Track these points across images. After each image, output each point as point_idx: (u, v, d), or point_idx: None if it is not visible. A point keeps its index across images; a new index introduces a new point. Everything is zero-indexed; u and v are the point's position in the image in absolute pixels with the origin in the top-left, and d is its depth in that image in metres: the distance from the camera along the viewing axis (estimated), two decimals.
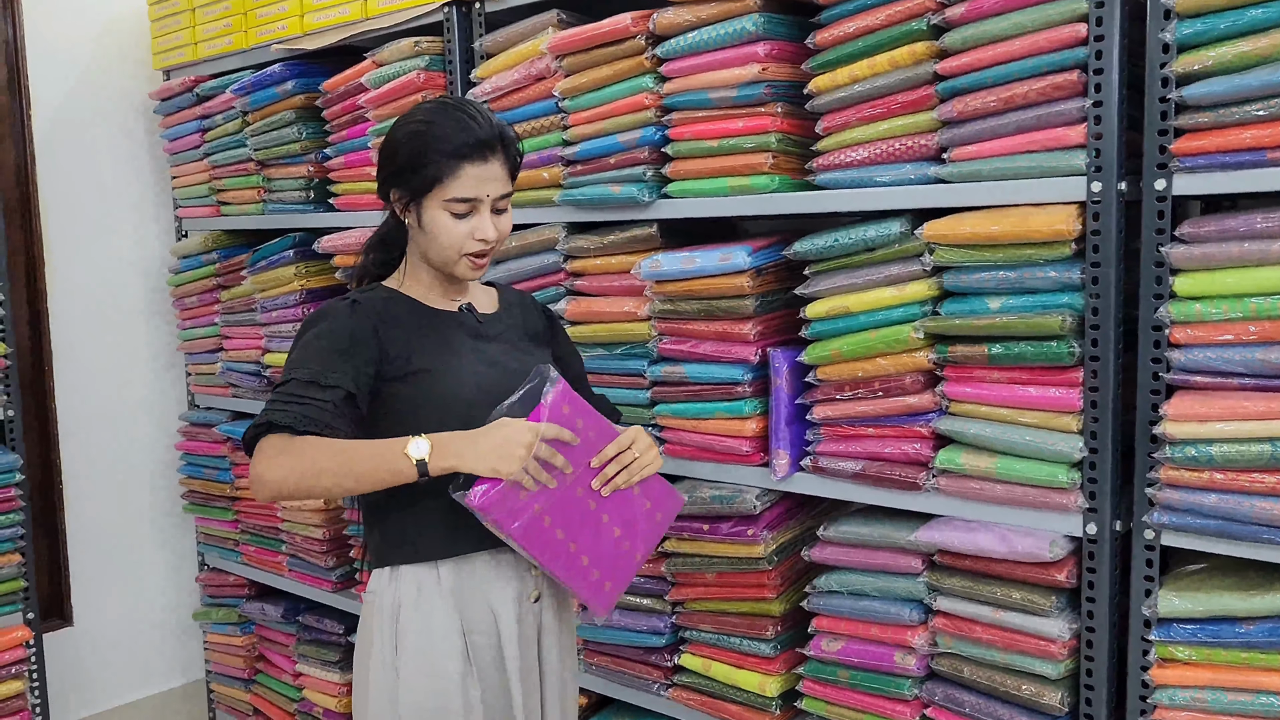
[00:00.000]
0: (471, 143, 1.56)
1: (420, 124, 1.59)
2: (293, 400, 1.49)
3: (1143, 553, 1.63)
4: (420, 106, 1.64)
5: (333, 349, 1.54)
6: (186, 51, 3.07)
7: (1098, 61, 1.58)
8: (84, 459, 3.19)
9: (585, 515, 1.57)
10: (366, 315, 1.59)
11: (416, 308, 1.66)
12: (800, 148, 1.96)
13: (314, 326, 1.59)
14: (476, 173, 1.57)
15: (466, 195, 1.58)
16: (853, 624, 1.91)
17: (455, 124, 1.57)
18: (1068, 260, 1.64)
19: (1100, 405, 1.63)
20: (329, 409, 1.50)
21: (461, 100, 1.64)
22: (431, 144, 1.56)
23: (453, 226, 1.59)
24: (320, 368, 1.52)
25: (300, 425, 1.47)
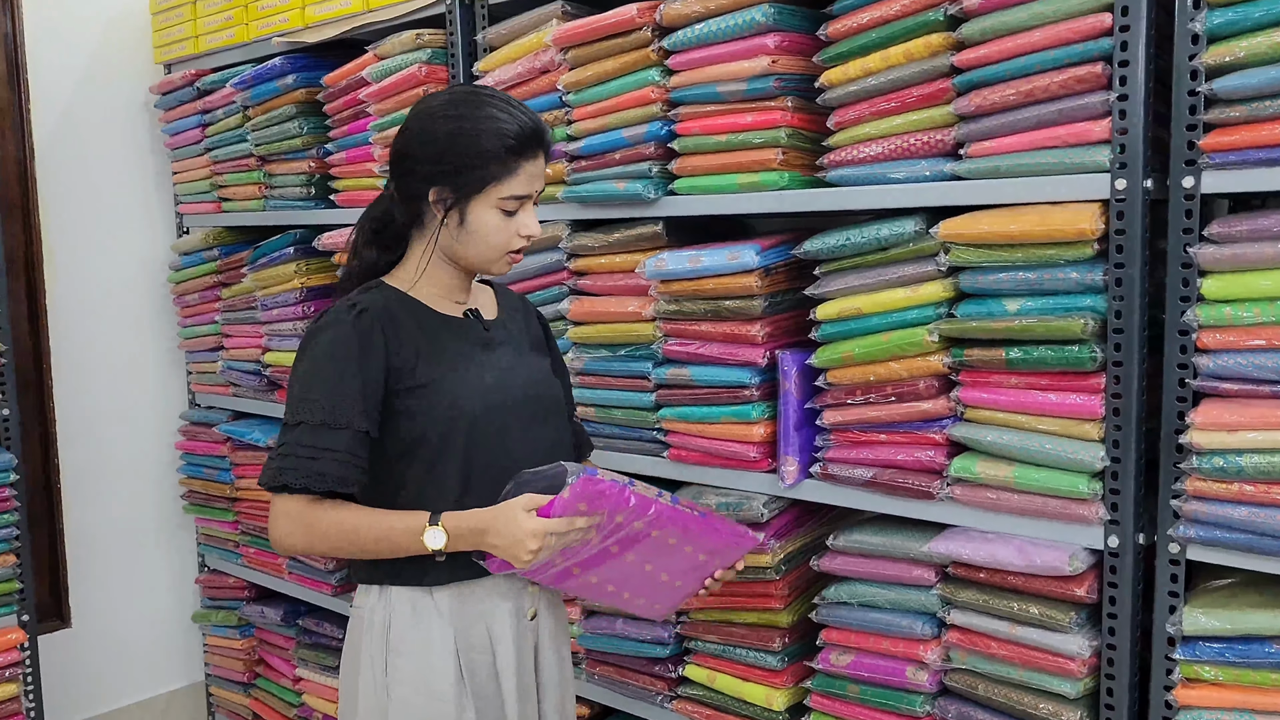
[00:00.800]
0: (527, 137, 1.50)
1: (469, 119, 1.49)
2: (305, 454, 1.45)
3: (1167, 567, 1.56)
4: (454, 97, 1.54)
5: (340, 375, 1.47)
6: (188, 45, 3.02)
7: (1123, 53, 1.51)
8: (83, 458, 3.14)
9: (620, 564, 1.53)
10: (371, 324, 1.50)
11: (423, 313, 1.57)
12: (811, 143, 1.89)
13: (317, 343, 1.50)
14: (531, 169, 1.52)
15: (521, 193, 1.52)
16: (863, 637, 1.85)
17: (507, 117, 1.49)
18: (1090, 261, 1.57)
19: (1123, 413, 1.56)
20: (343, 458, 1.46)
21: (492, 90, 1.56)
22: (487, 140, 1.48)
23: (503, 225, 1.52)
24: (330, 404, 1.46)
25: (316, 486, 1.45)
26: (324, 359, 1.48)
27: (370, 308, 1.52)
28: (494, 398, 1.55)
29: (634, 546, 1.51)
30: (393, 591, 1.56)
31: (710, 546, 1.58)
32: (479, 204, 1.52)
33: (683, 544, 1.55)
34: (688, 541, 1.55)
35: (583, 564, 1.51)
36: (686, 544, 1.55)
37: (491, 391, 1.55)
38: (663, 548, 1.54)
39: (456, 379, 1.54)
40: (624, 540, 1.50)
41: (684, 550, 1.56)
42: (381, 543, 1.47)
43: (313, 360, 1.49)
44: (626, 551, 1.52)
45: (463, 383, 1.54)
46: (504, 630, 1.56)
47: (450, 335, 1.58)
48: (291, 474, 1.45)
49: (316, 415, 1.45)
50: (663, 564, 1.56)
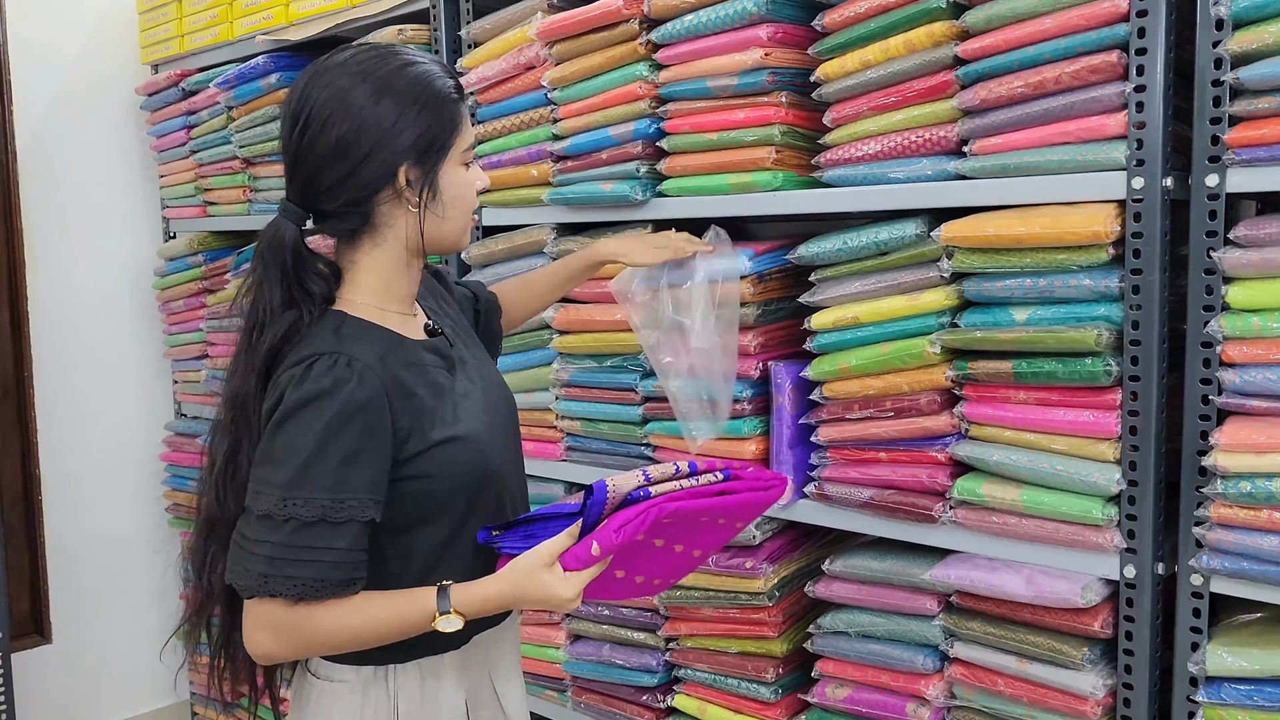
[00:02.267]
0: (455, 76, 1.31)
1: (409, 75, 1.25)
2: (297, 556, 1.17)
3: (1189, 600, 1.43)
4: (359, 66, 1.25)
5: (344, 458, 1.18)
6: (174, 44, 2.94)
7: (1140, 40, 1.39)
8: (65, 469, 3.05)
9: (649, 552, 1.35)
10: (374, 382, 1.21)
11: (398, 345, 1.29)
12: (806, 141, 1.78)
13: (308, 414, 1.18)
14: (464, 110, 1.32)
15: (473, 135, 1.34)
16: (861, 669, 1.73)
17: (427, 61, 1.29)
18: (1105, 266, 1.45)
19: (1141, 432, 1.43)
20: (344, 558, 1.19)
21: (374, 44, 1.30)
22: (439, 89, 1.27)
23: (471, 180, 1.33)
24: (332, 497, 1.18)
25: (314, 594, 1.18)
26: (321, 436, 1.18)
27: (363, 357, 1.22)
28: (493, 433, 1.34)
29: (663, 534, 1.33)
30: (397, 669, 1.31)
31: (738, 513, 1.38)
32: (450, 165, 1.29)
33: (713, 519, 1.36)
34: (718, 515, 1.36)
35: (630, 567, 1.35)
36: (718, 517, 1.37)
37: (489, 426, 1.34)
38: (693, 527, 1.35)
39: (463, 430, 1.29)
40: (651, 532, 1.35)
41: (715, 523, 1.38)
42: (389, 638, 1.24)
43: (306, 427, 1.18)
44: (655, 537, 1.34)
45: (471, 433, 1.30)
46: (508, 678, 1.43)
47: (434, 370, 1.31)
48: (281, 583, 1.17)
49: (313, 511, 1.17)
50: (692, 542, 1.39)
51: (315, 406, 1.18)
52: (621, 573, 1.35)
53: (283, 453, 1.18)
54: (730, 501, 1.32)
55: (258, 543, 1.18)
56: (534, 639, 2.17)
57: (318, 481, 1.17)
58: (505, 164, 2.12)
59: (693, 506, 1.28)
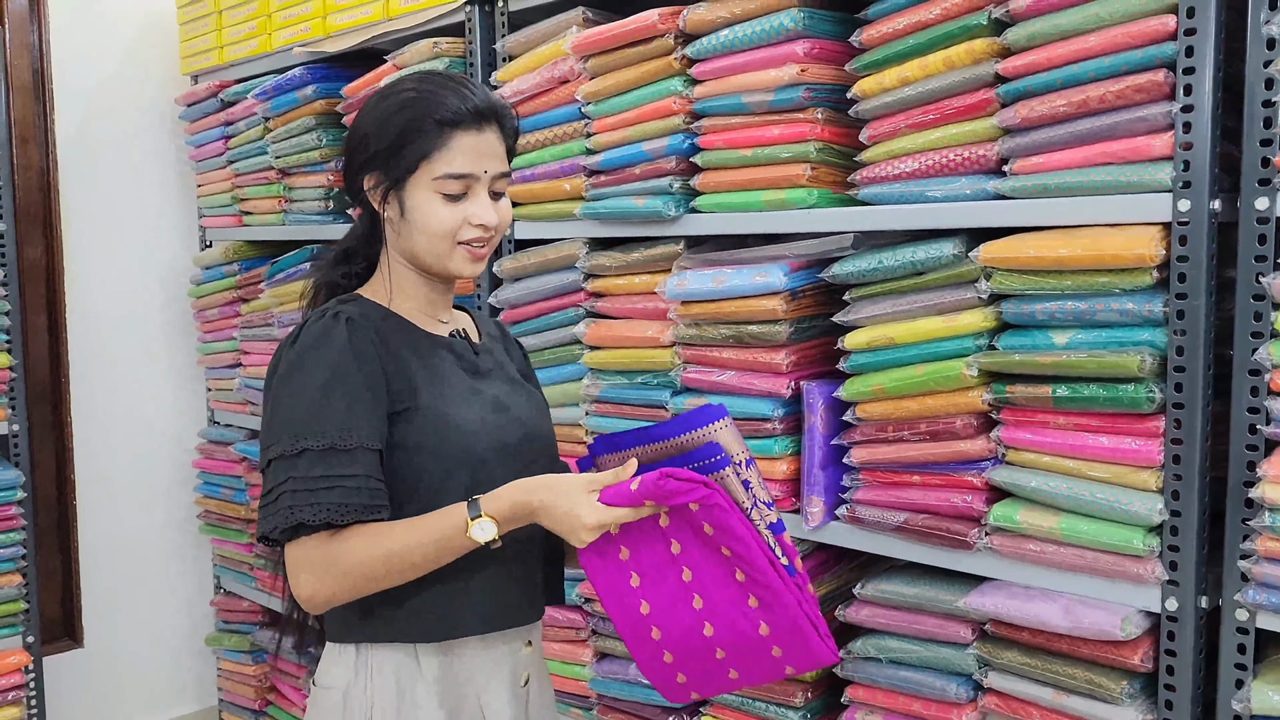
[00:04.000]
0: (464, 109, 1.32)
1: (406, 93, 1.34)
2: (317, 485, 1.22)
3: (1233, 636, 1.39)
4: (402, 77, 1.39)
5: (342, 390, 1.26)
6: (213, 55, 2.97)
7: (1189, 60, 1.35)
8: (99, 473, 3.08)
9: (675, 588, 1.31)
10: (365, 333, 1.30)
11: (406, 329, 1.38)
12: (842, 158, 1.75)
13: (307, 358, 1.28)
14: (471, 144, 1.32)
15: (460, 170, 1.32)
16: (892, 696, 1.69)
17: (445, 90, 1.33)
18: (1149, 290, 1.41)
19: (1185, 460, 1.39)
20: (362, 483, 1.24)
21: (449, 73, 1.39)
22: (420, 112, 1.31)
23: (446, 213, 1.32)
24: (335, 424, 1.24)
25: (339, 520, 1.23)
26: (321, 374, 1.26)
27: (357, 318, 1.32)
28: (497, 435, 1.36)
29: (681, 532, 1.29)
30: (373, 659, 1.33)
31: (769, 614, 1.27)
32: (415, 188, 1.33)
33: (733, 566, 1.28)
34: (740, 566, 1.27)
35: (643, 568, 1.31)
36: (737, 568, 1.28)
37: (493, 429, 1.36)
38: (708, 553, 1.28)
39: (459, 411, 1.33)
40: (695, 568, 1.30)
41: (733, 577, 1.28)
42: (428, 559, 1.25)
43: (305, 377, 1.27)
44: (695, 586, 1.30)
45: (466, 416, 1.34)
46: (499, 702, 1.38)
47: (437, 358, 1.38)
48: (308, 510, 1.21)
49: (324, 439, 1.23)
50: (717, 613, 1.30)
51: (314, 355, 1.28)
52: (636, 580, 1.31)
53: (290, 400, 1.27)
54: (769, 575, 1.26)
55: (277, 486, 1.24)
56: (561, 656, 2.15)
57: (326, 417, 1.25)
58: (538, 177, 2.12)
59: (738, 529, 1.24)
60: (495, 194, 1.37)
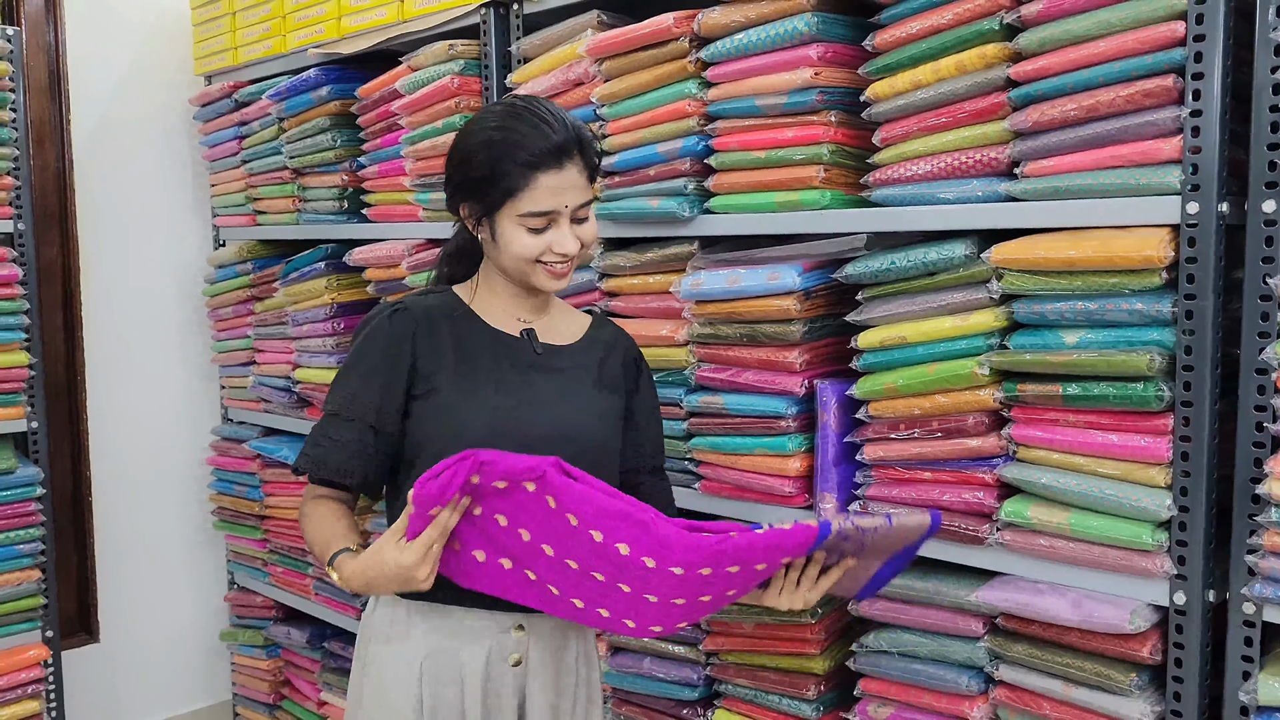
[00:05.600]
0: (545, 150, 1.41)
1: (490, 131, 1.44)
2: (319, 440, 1.50)
3: (1240, 629, 1.42)
4: (489, 110, 1.50)
5: (363, 372, 1.50)
6: (228, 56, 2.99)
7: (1197, 65, 1.38)
8: (115, 470, 3.11)
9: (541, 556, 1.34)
10: (405, 323, 1.50)
11: (472, 325, 1.53)
12: (855, 160, 1.78)
13: (356, 340, 1.54)
14: (552, 183, 1.43)
15: (542, 209, 1.43)
16: (904, 689, 1.73)
17: (527, 128, 1.42)
18: (1157, 291, 1.44)
19: (1193, 458, 1.42)
20: (349, 448, 1.48)
21: (531, 100, 1.48)
22: (502, 154, 1.42)
23: (530, 242, 1.45)
24: (347, 397, 1.49)
25: (317, 473, 1.50)
26: (355, 354, 1.52)
27: (412, 308, 1.52)
28: (507, 427, 1.45)
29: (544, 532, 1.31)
30: (380, 602, 1.55)
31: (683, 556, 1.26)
32: (503, 220, 1.46)
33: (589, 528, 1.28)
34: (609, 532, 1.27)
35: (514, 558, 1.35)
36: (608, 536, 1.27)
37: (505, 419, 1.46)
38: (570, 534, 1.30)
39: (469, 399, 1.47)
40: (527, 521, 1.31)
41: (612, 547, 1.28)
42: (316, 550, 1.47)
43: (350, 355, 1.53)
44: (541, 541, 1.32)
45: (474, 404, 1.47)
46: (474, 673, 1.48)
47: (490, 353, 1.52)
48: (304, 459, 1.50)
49: (335, 406, 1.50)
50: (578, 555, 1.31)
51: (357, 341, 1.53)
52: (508, 562, 1.34)
53: (339, 372, 1.54)
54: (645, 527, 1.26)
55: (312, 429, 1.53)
56: None
57: (343, 386, 1.50)
58: None
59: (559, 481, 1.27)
60: (578, 219, 1.48)
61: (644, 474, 1.63)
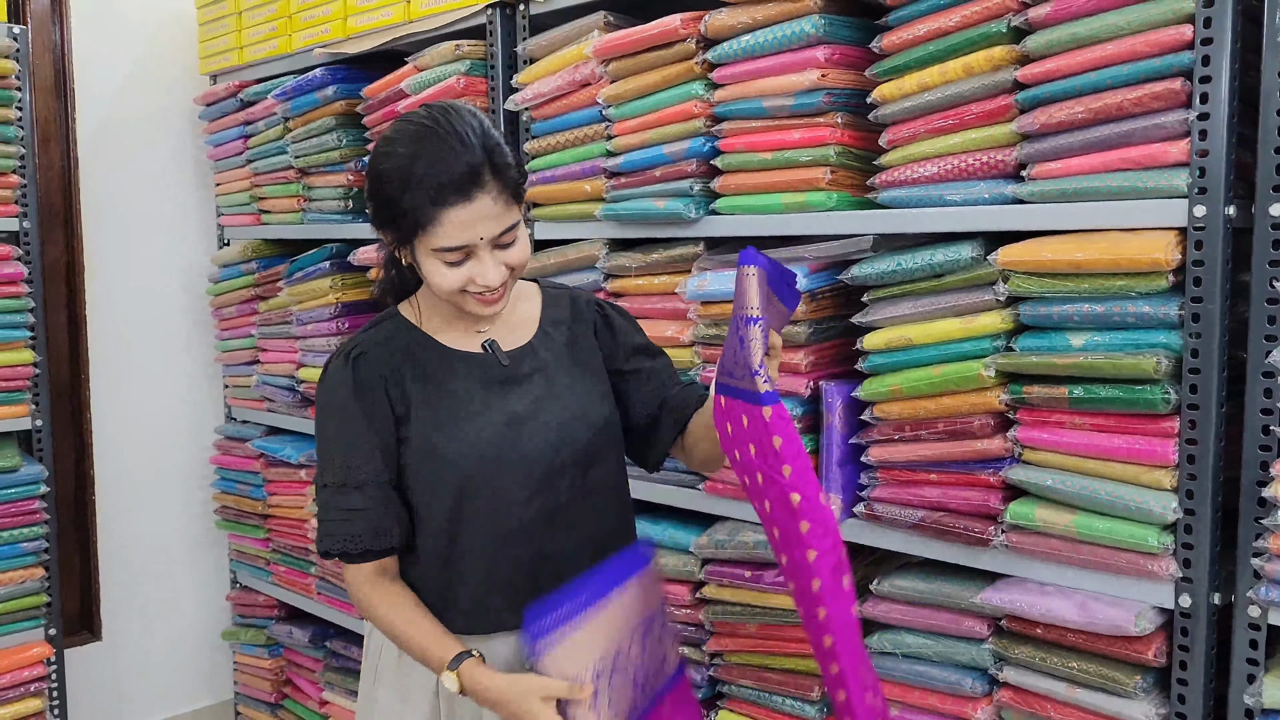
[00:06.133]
0: (449, 182, 1.29)
1: (397, 156, 1.33)
2: (337, 518, 1.41)
3: (1245, 632, 1.42)
4: (399, 129, 1.36)
5: (351, 430, 1.40)
6: (233, 55, 3.00)
7: (1205, 68, 1.38)
8: (118, 469, 3.12)
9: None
10: (369, 370, 1.42)
11: (429, 350, 1.45)
12: (862, 162, 1.79)
13: (323, 401, 1.44)
14: (462, 217, 1.31)
15: (454, 244, 1.32)
16: (908, 690, 1.73)
17: (432, 156, 1.30)
18: (1164, 293, 1.44)
19: (1199, 460, 1.43)
20: (371, 515, 1.40)
21: (444, 115, 1.34)
22: (406, 186, 1.31)
23: (450, 274, 1.35)
24: (343, 462, 1.40)
25: (353, 549, 1.41)
26: (332, 416, 1.43)
27: (369, 352, 1.43)
28: (493, 452, 1.40)
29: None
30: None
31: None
32: (420, 252, 1.36)
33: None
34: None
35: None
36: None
37: (490, 449, 1.40)
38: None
39: (448, 436, 1.40)
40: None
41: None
42: (417, 657, 1.42)
43: (323, 419, 1.45)
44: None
45: (454, 440, 1.40)
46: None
47: (456, 376, 1.43)
48: (330, 540, 1.42)
49: (336, 476, 1.41)
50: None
51: (326, 401, 1.44)
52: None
53: (318, 441, 1.46)
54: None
55: (318, 510, 1.45)
56: None
57: (334, 450, 1.42)
58: (559, 179, 2.15)
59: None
60: (503, 245, 1.36)
61: (671, 391, 1.59)
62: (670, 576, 1.99)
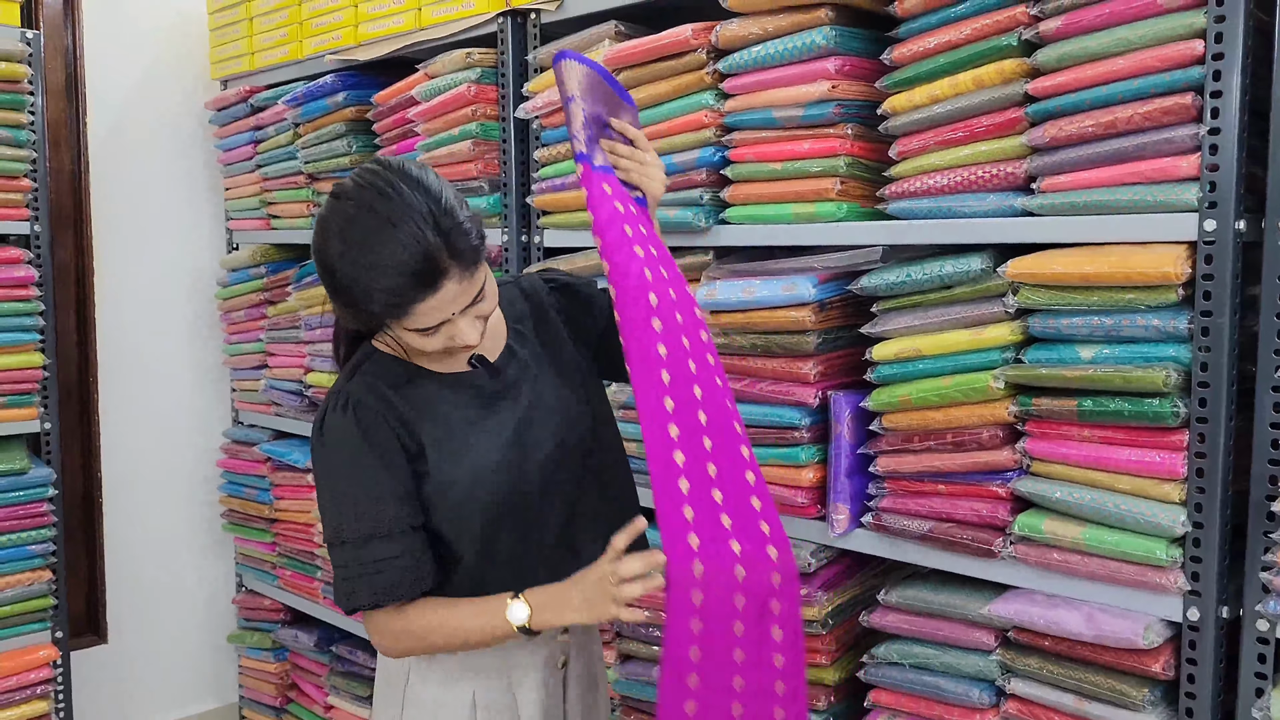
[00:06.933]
0: (411, 280, 1.25)
1: (350, 256, 1.26)
2: (365, 570, 1.35)
3: (1254, 645, 1.42)
4: (340, 217, 1.28)
5: (363, 481, 1.35)
6: (244, 61, 3.01)
7: (1216, 83, 1.39)
8: (126, 471, 3.13)
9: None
10: (371, 415, 1.37)
11: (419, 379, 1.42)
12: (871, 173, 1.79)
13: (328, 458, 1.38)
14: (429, 305, 1.28)
15: (425, 326, 1.31)
16: (915, 700, 1.73)
17: (384, 261, 1.24)
18: (1174, 307, 1.45)
19: (1208, 474, 1.43)
20: (404, 563, 1.35)
21: (385, 199, 1.26)
22: (368, 296, 1.26)
23: (427, 342, 1.34)
24: (370, 514, 1.35)
25: (389, 599, 1.36)
26: (341, 471, 1.37)
27: (362, 399, 1.37)
28: (506, 470, 1.40)
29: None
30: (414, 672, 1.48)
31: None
32: (393, 328, 1.35)
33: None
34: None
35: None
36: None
37: (500, 466, 1.40)
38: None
39: (457, 466, 1.38)
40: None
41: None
42: (478, 634, 1.37)
43: (332, 476, 1.38)
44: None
45: (464, 469, 1.38)
46: (531, 684, 1.47)
47: (452, 405, 1.42)
48: (365, 595, 1.35)
49: (359, 530, 1.35)
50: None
51: (332, 456, 1.38)
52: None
53: (326, 496, 1.39)
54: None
55: (337, 568, 1.38)
56: None
57: (357, 511, 1.35)
58: (567, 187, 2.15)
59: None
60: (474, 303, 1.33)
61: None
62: None
